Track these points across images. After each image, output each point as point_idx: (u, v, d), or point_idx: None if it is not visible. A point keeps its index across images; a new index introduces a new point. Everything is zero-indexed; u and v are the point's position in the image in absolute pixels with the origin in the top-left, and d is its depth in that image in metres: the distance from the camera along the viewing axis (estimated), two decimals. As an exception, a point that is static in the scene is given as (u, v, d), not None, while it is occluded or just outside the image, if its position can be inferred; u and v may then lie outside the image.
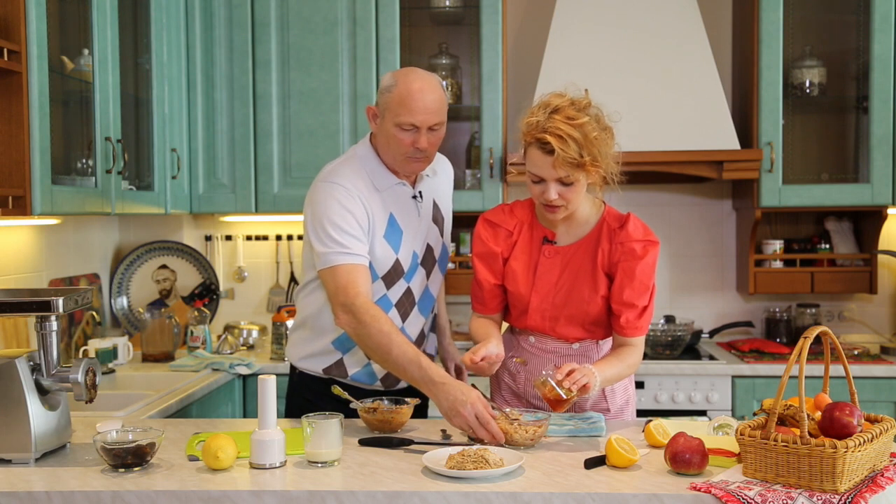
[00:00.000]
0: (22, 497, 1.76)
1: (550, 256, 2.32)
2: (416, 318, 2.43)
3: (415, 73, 2.32)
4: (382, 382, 2.43)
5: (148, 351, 3.48)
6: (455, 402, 2.07)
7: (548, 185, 2.17)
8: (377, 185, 2.35)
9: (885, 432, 1.76)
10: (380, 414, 2.19)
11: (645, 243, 2.26)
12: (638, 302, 2.26)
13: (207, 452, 1.87)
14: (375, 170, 2.37)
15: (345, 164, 2.37)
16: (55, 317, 2.03)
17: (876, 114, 3.51)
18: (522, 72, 3.93)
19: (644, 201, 4.00)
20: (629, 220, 2.29)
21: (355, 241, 2.26)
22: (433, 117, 2.28)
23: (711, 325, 3.97)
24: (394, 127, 2.28)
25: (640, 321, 2.28)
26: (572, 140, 2.11)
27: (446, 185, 2.56)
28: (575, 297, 2.30)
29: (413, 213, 2.40)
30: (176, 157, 3.48)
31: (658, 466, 1.88)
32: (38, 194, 2.51)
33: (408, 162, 2.33)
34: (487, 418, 2.04)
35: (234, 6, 3.63)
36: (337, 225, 2.26)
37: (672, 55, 3.60)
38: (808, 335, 1.69)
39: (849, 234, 3.82)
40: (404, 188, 2.39)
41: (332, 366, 2.43)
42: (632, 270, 2.25)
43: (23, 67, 2.46)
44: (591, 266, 2.29)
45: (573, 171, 2.14)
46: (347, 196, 2.29)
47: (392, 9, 3.60)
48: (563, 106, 2.15)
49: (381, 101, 2.32)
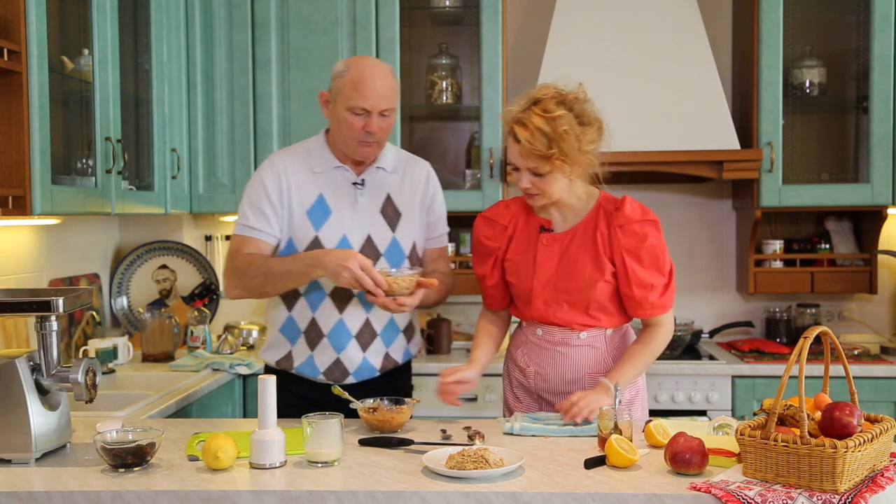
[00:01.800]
0: (22, 497, 1.77)
1: (548, 244, 2.35)
2: (356, 312, 2.45)
3: (367, 60, 2.42)
4: (325, 375, 2.48)
5: (148, 351, 3.48)
6: (339, 261, 2.24)
7: (521, 174, 2.25)
8: (314, 167, 2.46)
9: (885, 432, 1.76)
10: (380, 414, 2.20)
11: (643, 223, 2.29)
12: (655, 281, 2.28)
13: (207, 452, 1.87)
14: (317, 154, 2.48)
15: (289, 148, 2.57)
16: (55, 317, 2.04)
17: (876, 114, 3.51)
18: (522, 72, 3.93)
19: (644, 201, 3.91)
20: (625, 202, 2.32)
21: (257, 212, 2.42)
22: (384, 102, 2.35)
23: (711, 325, 3.97)
24: (345, 111, 2.36)
25: (663, 299, 2.30)
26: (540, 133, 2.17)
27: (414, 187, 2.54)
28: (576, 282, 2.30)
29: (350, 198, 2.46)
30: (176, 157, 3.48)
31: (658, 466, 1.88)
32: (38, 194, 2.50)
33: (359, 146, 2.40)
34: (368, 265, 2.24)
35: (234, 6, 3.63)
36: (248, 197, 2.45)
37: (672, 55, 3.60)
38: (808, 335, 1.69)
39: (849, 234, 3.82)
40: (345, 173, 2.47)
41: (282, 358, 2.51)
42: (637, 252, 2.27)
43: (23, 67, 2.46)
44: (591, 249, 2.31)
45: (540, 163, 2.20)
46: (269, 171, 2.45)
47: (392, 9, 3.60)
48: (545, 98, 2.21)
49: (333, 87, 2.41)
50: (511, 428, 2.18)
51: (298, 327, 2.47)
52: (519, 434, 2.17)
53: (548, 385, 2.38)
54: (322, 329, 2.45)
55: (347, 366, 2.47)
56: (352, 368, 2.47)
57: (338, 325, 2.45)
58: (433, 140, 3.97)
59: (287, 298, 2.48)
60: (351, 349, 2.46)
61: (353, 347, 2.46)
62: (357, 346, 2.46)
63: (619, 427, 1.97)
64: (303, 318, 2.46)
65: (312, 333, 2.46)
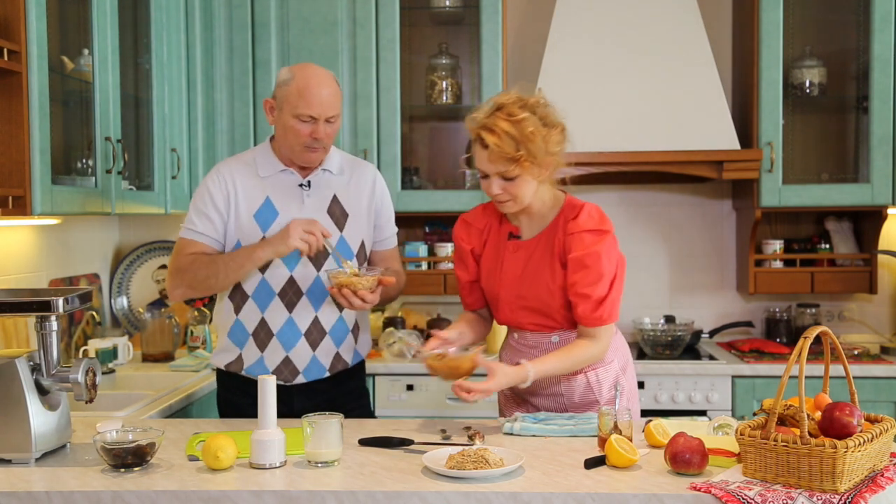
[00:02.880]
0: (22, 497, 1.77)
1: (515, 251, 2.37)
2: (305, 311, 2.48)
3: (312, 68, 2.46)
4: (275, 375, 2.45)
5: (148, 351, 3.48)
6: (285, 230, 2.34)
7: (491, 180, 2.26)
8: (260, 172, 2.50)
9: (885, 432, 1.76)
10: (449, 360, 2.22)
11: (595, 232, 2.27)
12: (592, 292, 2.25)
13: (207, 452, 1.87)
14: (262, 159, 2.52)
15: (235, 156, 2.61)
16: (55, 317, 2.04)
17: (876, 114, 3.51)
18: (522, 72, 3.93)
19: (644, 201, 4.00)
20: (583, 209, 2.31)
21: (203, 217, 2.46)
22: (329, 109, 2.40)
23: (711, 325, 3.97)
24: (292, 118, 2.40)
25: (598, 312, 2.26)
26: (507, 136, 2.18)
27: (360, 189, 2.57)
28: (536, 290, 2.32)
29: (296, 199, 2.49)
30: (176, 157, 3.48)
31: (658, 466, 1.88)
32: (38, 194, 2.50)
33: (304, 151, 2.44)
34: (312, 220, 2.35)
35: (234, 6, 3.63)
36: (195, 203, 2.50)
37: (672, 55, 3.60)
38: (808, 335, 1.69)
39: (849, 234, 3.82)
40: (291, 176, 2.50)
41: (232, 361, 2.54)
42: (581, 260, 2.25)
43: (23, 67, 2.46)
44: (549, 257, 2.32)
45: (508, 166, 2.21)
46: (215, 177, 2.49)
47: (392, 9, 3.60)
48: (508, 103, 2.23)
49: (278, 94, 2.44)
50: (511, 428, 2.19)
51: (247, 330, 2.49)
52: (519, 434, 2.17)
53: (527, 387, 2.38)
54: (271, 328, 2.47)
55: (297, 364, 2.49)
56: (301, 367, 2.50)
57: (287, 324, 2.47)
58: (433, 140, 3.97)
59: (235, 301, 2.50)
60: (300, 347, 2.48)
61: (303, 345, 2.49)
62: (306, 344, 2.49)
63: (619, 427, 1.97)
64: (251, 319, 2.48)
65: (262, 334, 2.48)
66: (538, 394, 2.39)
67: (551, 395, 2.38)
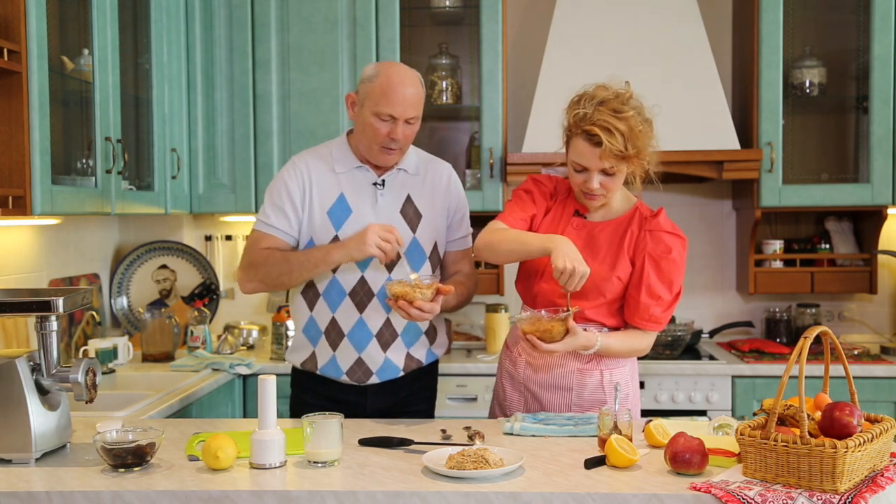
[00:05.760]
0: (22, 497, 1.77)
1: (577, 228, 2.37)
2: (376, 313, 2.45)
3: (398, 66, 2.43)
4: (348, 376, 2.48)
5: (148, 351, 3.48)
6: (359, 235, 2.30)
7: (591, 175, 2.26)
8: (336, 167, 2.47)
9: (885, 432, 1.76)
10: (543, 323, 2.20)
11: (673, 236, 2.32)
12: (663, 294, 2.30)
13: (207, 452, 1.87)
14: (339, 154, 2.48)
15: (311, 149, 2.56)
16: (55, 317, 2.04)
17: (876, 114, 3.51)
18: (522, 72, 3.93)
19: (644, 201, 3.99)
20: (661, 212, 2.37)
21: (278, 212, 2.44)
22: (411, 110, 2.36)
23: (711, 325, 3.97)
24: (372, 116, 2.36)
25: (663, 314, 2.32)
26: (619, 133, 2.19)
27: (435, 188, 2.54)
28: (592, 270, 2.28)
29: (370, 198, 2.46)
30: (176, 157, 3.48)
31: (658, 466, 1.88)
32: (38, 194, 2.51)
33: (381, 152, 2.40)
34: (389, 227, 2.30)
35: (234, 6, 3.63)
36: (270, 196, 2.47)
37: (672, 55, 3.60)
38: (808, 335, 1.69)
39: (849, 234, 3.82)
40: (366, 173, 2.47)
41: (307, 359, 2.51)
42: (659, 260, 2.29)
43: (23, 67, 2.46)
44: (616, 246, 2.33)
45: (618, 163, 2.22)
46: (291, 170, 2.47)
47: (392, 9, 3.60)
48: (609, 98, 2.23)
49: (361, 90, 2.40)
50: (511, 428, 2.19)
51: (319, 327, 2.47)
52: (519, 434, 2.17)
53: (537, 377, 2.38)
54: (342, 329, 2.45)
55: (370, 365, 2.46)
56: (374, 368, 2.47)
57: (358, 325, 2.44)
58: (433, 140, 3.97)
59: (308, 298, 2.48)
60: (371, 349, 2.45)
61: (374, 347, 2.45)
62: (377, 346, 2.46)
63: (619, 427, 1.97)
64: (323, 317, 2.46)
65: (333, 333, 2.46)
66: (549, 386, 2.37)
67: (562, 388, 2.36)
